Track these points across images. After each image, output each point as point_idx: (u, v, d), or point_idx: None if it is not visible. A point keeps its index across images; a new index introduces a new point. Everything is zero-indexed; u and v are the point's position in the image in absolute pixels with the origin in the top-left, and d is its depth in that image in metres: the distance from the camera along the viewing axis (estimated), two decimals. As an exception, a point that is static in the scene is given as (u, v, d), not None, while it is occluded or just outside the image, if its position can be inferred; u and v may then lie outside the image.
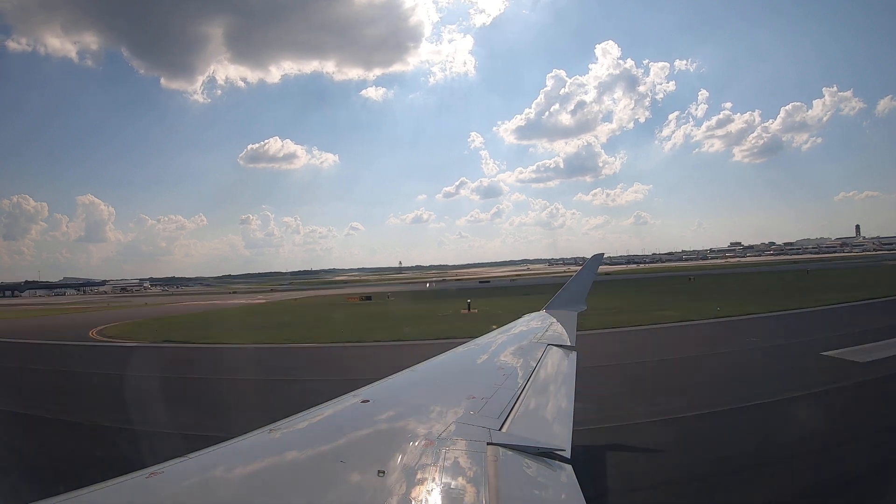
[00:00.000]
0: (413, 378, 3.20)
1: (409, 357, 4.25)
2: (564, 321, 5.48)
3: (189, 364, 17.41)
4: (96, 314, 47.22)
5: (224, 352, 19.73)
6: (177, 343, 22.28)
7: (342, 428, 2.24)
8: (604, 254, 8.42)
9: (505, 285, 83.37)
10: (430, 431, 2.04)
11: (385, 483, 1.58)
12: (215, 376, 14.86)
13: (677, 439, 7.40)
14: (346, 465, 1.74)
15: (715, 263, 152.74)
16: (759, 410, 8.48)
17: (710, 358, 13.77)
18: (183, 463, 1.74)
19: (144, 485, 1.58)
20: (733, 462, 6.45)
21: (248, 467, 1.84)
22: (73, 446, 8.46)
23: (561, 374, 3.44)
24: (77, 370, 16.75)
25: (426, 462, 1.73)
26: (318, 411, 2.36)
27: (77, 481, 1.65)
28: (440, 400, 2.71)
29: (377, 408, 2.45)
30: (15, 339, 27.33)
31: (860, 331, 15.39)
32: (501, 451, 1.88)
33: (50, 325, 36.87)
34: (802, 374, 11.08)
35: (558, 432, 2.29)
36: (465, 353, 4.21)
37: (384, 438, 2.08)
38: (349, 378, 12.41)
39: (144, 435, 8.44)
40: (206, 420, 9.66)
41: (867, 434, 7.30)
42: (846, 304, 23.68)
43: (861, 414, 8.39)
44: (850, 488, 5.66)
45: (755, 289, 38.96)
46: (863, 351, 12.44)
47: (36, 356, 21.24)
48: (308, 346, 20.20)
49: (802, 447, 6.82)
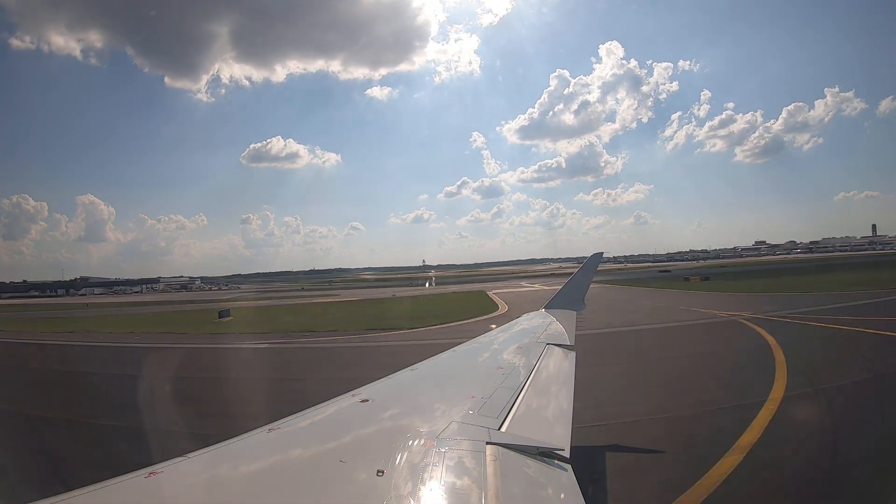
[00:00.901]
0: (412, 377, 3.20)
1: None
2: (564, 320, 5.49)
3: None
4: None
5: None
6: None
7: (342, 427, 2.24)
8: (603, 253, 8.33)
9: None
10: (429, 431, 2.04)
11: (385, 483, 1.58)
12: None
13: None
14: (345, 465, 1.74)
15: (767, 259, 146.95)
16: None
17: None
18: (183, 463, 1.74)
19: (144, 485, 1.58)
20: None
21: (247, 467, 1.84)
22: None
23: (560, 373, 3.44)
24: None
25: (426, 462, 1.74)
26: (317, 411, 2.36)
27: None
28: (440, 399, 2.72)
29: (377, 407, 2.46)
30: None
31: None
32: (501, 450, 1.88)
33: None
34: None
35: (558, 432, 2.30)
36: (464, 353, 4.22)
37: (384, 438, 2.08)
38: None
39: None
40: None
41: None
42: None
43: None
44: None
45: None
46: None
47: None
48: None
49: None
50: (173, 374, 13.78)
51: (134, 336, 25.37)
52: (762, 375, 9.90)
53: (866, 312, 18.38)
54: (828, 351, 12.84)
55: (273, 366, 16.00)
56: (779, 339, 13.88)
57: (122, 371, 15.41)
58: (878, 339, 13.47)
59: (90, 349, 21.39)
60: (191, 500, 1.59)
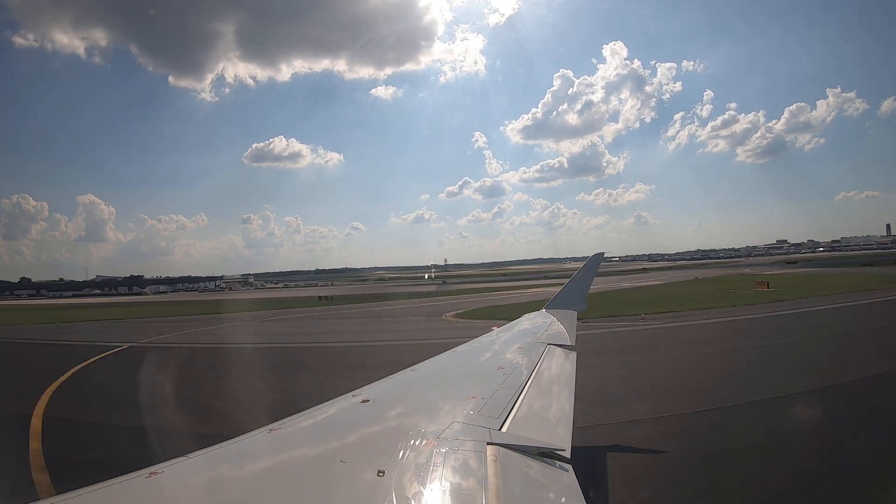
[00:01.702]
0: (413, 377, 3.19)
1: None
2: (565, 320, 5.48)
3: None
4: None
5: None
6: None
7: (342, 427, 2.24)
8: (604, 253, 8.26)
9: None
10: (430, 431, 2.03)
11: (385, 483, 1.58)
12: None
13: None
14: (346, 465, 1.73)
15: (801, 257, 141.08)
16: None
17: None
18: (183, 462, 1.74)
19: (144, 484, 1.57)
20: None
21: (248, 467, 1.84)
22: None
23: (561, 373, 3.43)
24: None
25: (426, 462, 1.73)
26: (318, 411, 2.36)
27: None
28: (440, 399, 2.71)
29: (377, 407, 2.45)
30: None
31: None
32: (502, 450, 1.87)
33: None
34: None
35: (558, 432, 2.29)
36: (464, 353, 4.21)
37: (384, 438, 2.08)
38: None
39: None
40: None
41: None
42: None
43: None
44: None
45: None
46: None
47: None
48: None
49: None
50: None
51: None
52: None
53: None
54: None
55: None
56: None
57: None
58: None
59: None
60: (191, 500, 1.58)
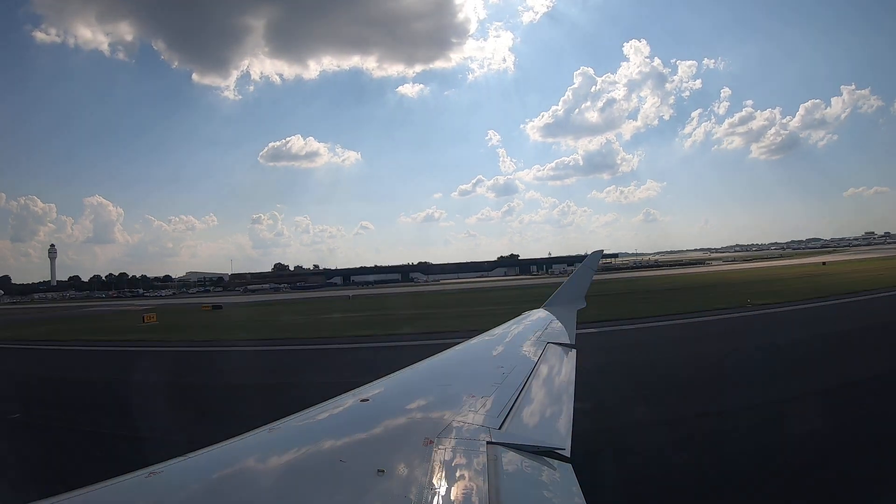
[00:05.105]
0: (412, 377, 3.19)
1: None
2: (564, 319, 5.47)
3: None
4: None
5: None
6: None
7: (342, 427, 2.24)
8: (603, 250, 8.36)
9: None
10: (429, 430, 2.03)
11: (385, 482, 1.58)
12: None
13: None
14: (346, 465, 1.73)
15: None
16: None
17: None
18: (183, 462, 1.74)
19: (144, 484, 1.57)
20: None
21: (247, 467, 1.83)
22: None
23: (561, 372, 3.43)
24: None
25: (426, 461, 1.73)
26: (317, 410, 2.35)
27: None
28: (440, 399, 2.71)
29: (377, 407, 2.45)
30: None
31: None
32: (501, 450, 1.87)
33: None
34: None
35: (558, 431, 2.29)
36: (464, 352, 4.20)
37: (384, 437, 2.08)
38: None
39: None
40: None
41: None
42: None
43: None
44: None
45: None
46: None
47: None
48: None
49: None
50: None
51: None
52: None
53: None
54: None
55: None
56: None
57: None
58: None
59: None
60: (191, 499, 1.58)
